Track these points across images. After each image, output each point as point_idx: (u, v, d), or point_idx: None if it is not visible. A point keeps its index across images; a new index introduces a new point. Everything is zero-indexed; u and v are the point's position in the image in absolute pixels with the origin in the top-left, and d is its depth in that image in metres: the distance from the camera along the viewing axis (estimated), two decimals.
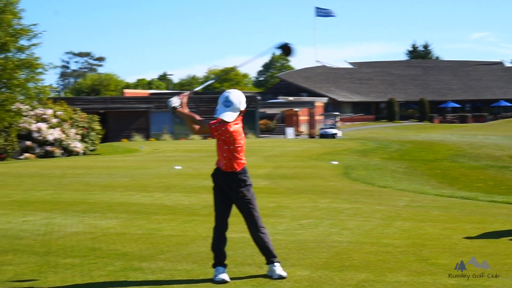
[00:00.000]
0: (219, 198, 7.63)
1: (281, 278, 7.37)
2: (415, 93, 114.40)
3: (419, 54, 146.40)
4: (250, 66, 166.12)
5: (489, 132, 62.87)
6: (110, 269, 7.97)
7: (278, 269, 7.48)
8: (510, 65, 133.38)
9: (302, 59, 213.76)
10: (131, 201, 14.53)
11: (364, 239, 9.57)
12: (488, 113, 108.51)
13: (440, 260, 8.13)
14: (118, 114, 59.12)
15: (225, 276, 7.33)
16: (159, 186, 17.49)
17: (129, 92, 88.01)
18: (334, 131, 63.00)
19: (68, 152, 34.01)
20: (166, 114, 58.67)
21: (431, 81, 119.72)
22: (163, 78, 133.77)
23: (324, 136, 62.07)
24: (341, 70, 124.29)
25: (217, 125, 7.40)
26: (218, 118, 7.38)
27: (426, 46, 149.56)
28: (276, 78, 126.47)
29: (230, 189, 7.51)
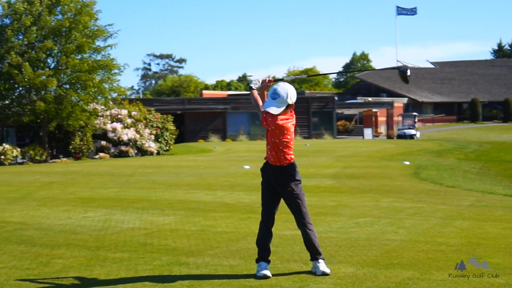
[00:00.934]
0: (267, 194, 7.57)
1: (324, 274, 7.25)
2: (500, 93, 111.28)
3: (505, 53, 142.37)
4: (330, 67, 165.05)
5: None
6: (157, 263, 8.00)
7: (322, 265, 7.36)
8: None
9: (382, 59, 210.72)
10: (193, 198, 14.61)
11: (418, 238, 9.33)
12: None
13: (492, 259, 7.84)
14: (195, 115, 59.68)
15: (267, 272, 7.25)
16: (224, 184, 17.53)
17: (207, 93, 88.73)
18: (413, 132, 61.86)
19: (142, 152, 34.49)
20: (243, 115, 59.03)
21: None
22: (243, 79, 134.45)
23: (402, 137, 61.04)
24: (422, 70, 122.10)
25: (266, 115, 7.35)
26: (264, 110, 7.34)
27: None
28: (355, 78, 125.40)
29: (279, 183, 7.43)
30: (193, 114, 59.89)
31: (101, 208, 13.16)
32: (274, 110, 7.27)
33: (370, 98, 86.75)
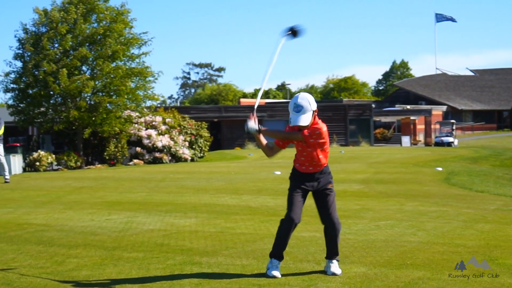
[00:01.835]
0: (298, 198, 7.48)
1: (334, 275, 7.22)
2: None
3: None
4: (370, 75, 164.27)
5: None
6: (169, 263, 8.02)
7: (334, 266, 7.35)
8: None
9: (422, 67, 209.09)
10: (218, 202, 14.62)
11: (436, 240, 9.21)
12: None
13: (508, 260, 7.73)
14: (232, 122, 59.82)
15: (276, 273, 7.23)
16: (252, 189, 17.50)
17: (245, 101, 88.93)
18: (450, 140, 61.00)
19: (176, 158, 34.64)
20: (279, 122, 58.91)
21: None
22: (281, 88, 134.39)
23: (439, 144, 60.26)
24: (461, 77, 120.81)
25: (309, 131, 7.36)
26: (295, 126, 7.35)
27: None
28: (395, 86, 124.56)
29: (318, 185, 7.47)
30: (229, 121, 60.08)
31: (125, 211, 13.22)
32: (304, 120, 7.29)
33: (408, 106, 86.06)
